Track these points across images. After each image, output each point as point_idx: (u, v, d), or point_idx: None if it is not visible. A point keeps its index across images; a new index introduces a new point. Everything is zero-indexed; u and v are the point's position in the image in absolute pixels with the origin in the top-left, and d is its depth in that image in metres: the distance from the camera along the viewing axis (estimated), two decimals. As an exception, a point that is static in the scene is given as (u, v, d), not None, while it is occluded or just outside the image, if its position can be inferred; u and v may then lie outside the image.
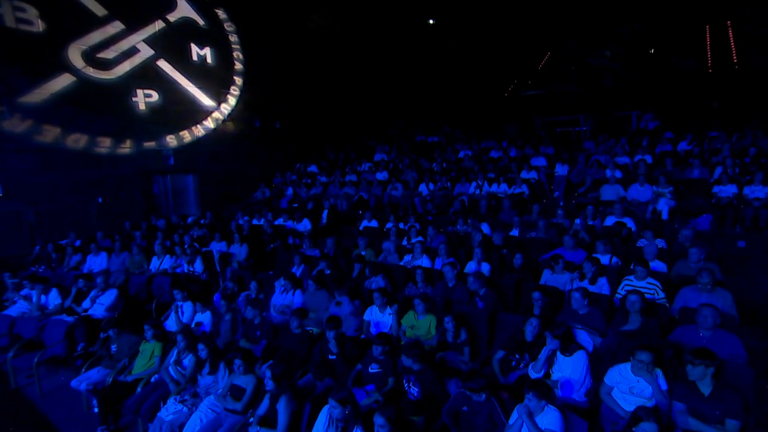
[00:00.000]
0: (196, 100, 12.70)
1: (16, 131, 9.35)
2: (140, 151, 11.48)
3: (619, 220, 6.88)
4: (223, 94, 13.44)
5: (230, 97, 13.70)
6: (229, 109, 13.68)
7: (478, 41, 17.00)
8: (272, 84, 14.91)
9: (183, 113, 12.36)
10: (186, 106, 12.43)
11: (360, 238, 7.23)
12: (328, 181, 13.04)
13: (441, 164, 12.57)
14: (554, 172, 10.45)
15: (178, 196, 12.96)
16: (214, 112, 13.26)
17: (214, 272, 7.87)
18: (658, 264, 5.32)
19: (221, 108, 13.45)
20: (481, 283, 5.02)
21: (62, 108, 9.89)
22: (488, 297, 4.98)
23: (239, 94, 13.95)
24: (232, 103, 13.77)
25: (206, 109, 13.02)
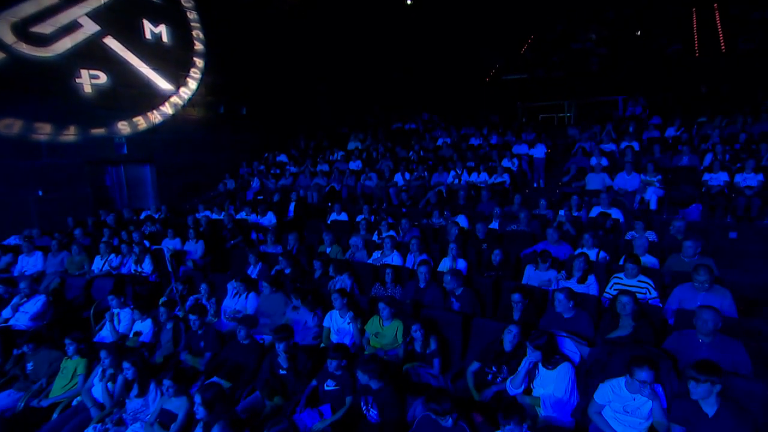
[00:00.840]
0: (152, 83, 11.90)
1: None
2: (87, 138, 10.65)
3: (604, 210, 6.54)
4: (182, 77, 12.65)
5: (190, 80, 12.92)
6: (189, 94, 12.90)
7: (459, 23, 16.54)
8: (237, 67, 14.15)
9: (136, 97, 11.55)
10: (140, 90, 11.61)
11: (326, 233, 6.73)
12: (297, 171, 12.47)
13: (418, 152, 12.14)
14: (531, 156, 10.13)
15: (134, 188, 12.18)
16: (173, 96, 12.47)
17: (165, 273, 7.26)
18: (649, 258, 4.99)
19: (180, 92, 12.66)
20: (458, 282, 4.60)
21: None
22: (465, 297, 4.56)
23: (200, 77, 13.17)
24: (192, 86, 12.99)
25: (163, 93, 12.22)
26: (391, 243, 6.02)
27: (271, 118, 15.29)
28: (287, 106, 15.76)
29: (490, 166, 10.35)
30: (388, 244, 6.02)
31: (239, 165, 13.38)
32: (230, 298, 5.34)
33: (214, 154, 13.65)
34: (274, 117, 15.38)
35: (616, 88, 11.90)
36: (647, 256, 4.99)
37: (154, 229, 8.62)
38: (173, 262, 7.32)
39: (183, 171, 12.85)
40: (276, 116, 15.42)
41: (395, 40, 17.06)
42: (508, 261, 5.32)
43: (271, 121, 15.26)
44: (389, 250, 6.03)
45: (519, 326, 3.48)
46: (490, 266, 5.28)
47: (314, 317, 4.63)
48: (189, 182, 12.93)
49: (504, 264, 5.22)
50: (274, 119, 15.36)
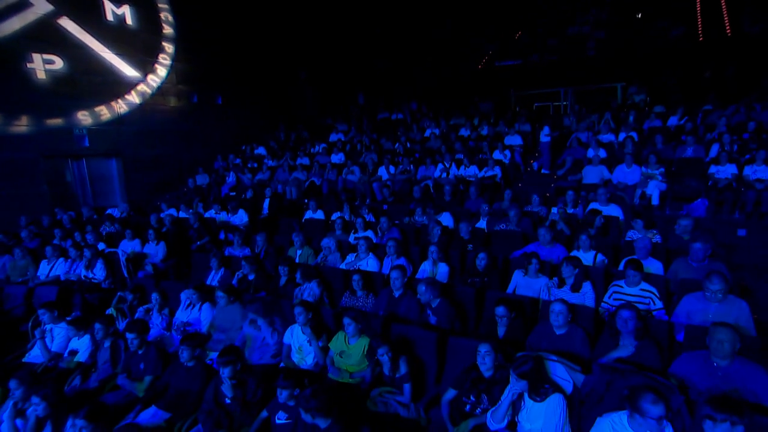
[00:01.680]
0: (115, 70, 11.28)
1: None
2: (42, 129, 10.05)
3: (595, 207, 6.10)
4: (149, 64, 12.04)
5: (159, 67, 12.29)
6: (158, 82, 12.29)
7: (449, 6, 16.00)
8: (211, 53, 13.53)
9: (98, 85, 10.93)
10: (101, 77, 10.99)
11: (296, 233, 6.24)
12: (275, 165, 11.94)
13: (404, 144, 11.66)
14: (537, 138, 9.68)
15: (99, 184, 11.58)
16: (140, 84, 11.86)
17: (121, 279, 6.74)
18: (653, 262, 4.55)
19: (148, 80, 12.05)
20: (435, 292, 4.13)
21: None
22: (442, 310, 4.10)
23: (170, 63, 12.55)
24: (161, 74, 12.37)
25: (129, 80, 11.60)
26: (366, 245, 5.55)
27: (249, 109, 14.71)
28: (266, 96, 15.19)
29: (480, 158, 9.91)
30: (363, 246, 5.55)
31: (215, 158, 12.84)
32: (182, 309, 4.85)
33: (187, 148, 13.08)
34: (253, 107, 14.81)
35: (615, 74, 11.44)
36: (650, 259, 4.56)
37: (113, 229, 8.08)
38: (129, 266, 6.85)
39: (153, 166, 12.28)
40: (254, 106, 14.85)
41: (382, 24, 16.49)
42: (495, 265, 4.87)
43: (249, 112, 14.69)
44: (364, 253, 5.56)
45: (491, 344, 3.03)
46: (474, 271, 4.82)
47: (273, 333, 4.15)
48: (160, 178, 12.37)
49: (490, 269, 4.77)
50: (252, 109, 14.79)
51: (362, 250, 5.56)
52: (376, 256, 5.55)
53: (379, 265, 5.49)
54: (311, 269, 5.02)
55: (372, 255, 5.54)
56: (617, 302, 4.00)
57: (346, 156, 11.78)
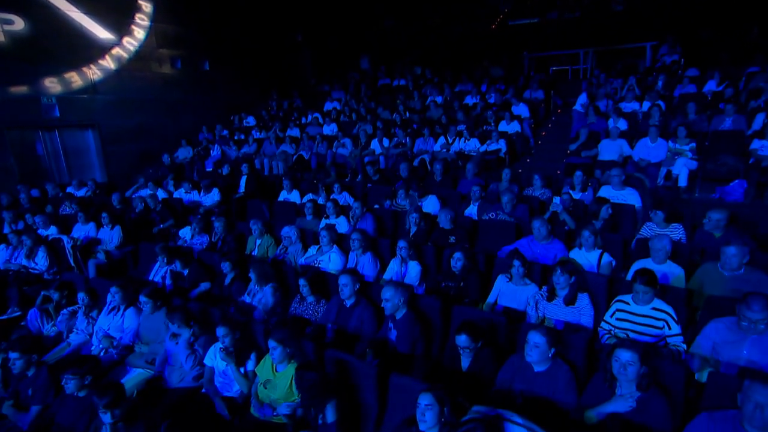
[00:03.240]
0: (85, 31, 10.47)
1: None
2: (5, 98, 9.42)
3: (604, 194, 5.16)
4: (124, 25, 11.19)
5: (136, 28, 11.43)
6: (135, 45, 11.45)
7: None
8: (196, 12, 12.56)
9: (66, 48, 10.15)
10: (70, 39, 10.20)
11: (254, 220, 5.49)
12: (263, 136, 11.16)
13: (404, 114, 10.70)
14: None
15: (75, 158, 11.01)
16: (114, 48, 11.06)
17: (68, 268, 6.16)
18: (671, 268, 3.66)
19: (124, 43, 11.23)
20: (403, 299, 3.36)
21: None
22: (405, 325, 3.35)
23: (149, 24, 11.67)
24: (139, 36, 11.52)
25: (102, 43, 10.80)
26: (329, 237, 4.78)
27: (240, 75, 13.82)
28: (259, 61, 14.22)
29: (485, 130, 8.94)
30: (325, 238, 4.78)
31: (200, 129, 12.11)
32: (105, 313, 4.20)
33: (172, 118, 12.36)
34: (244, 73, 13.90)
35: (644, 32, 10.06)
36: (669, 263, 3.68)
37: (71, 211, 7.48)
38: (77, 255, 6.25)
39: (134, 137, 11.62)
40: (246, 72, 13.94)
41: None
42: (475, 267, 4.05)
43: (239, 78, 13.80)
44: (327, 246, 4.81)
45: (433, 395, 2.26)
46: (449, 274, 4.02)
47: (190, 357, 3.46)
48: (143, 150, 11.70)
49: (468, 271, 3.96)
50: (243, 76, 13.89)
51: (325, 243, 4.80)
52: (341, 250, 4.78)
53: (343, 261, 4.73)
54: (267, 270, 4.27)
55: (336, 249, 4.77)
56: (622, 323, 3.18)
57: (339, 127, 10.93)
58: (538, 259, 4.24)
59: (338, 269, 4.66)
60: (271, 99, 13.55)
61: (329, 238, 4.76)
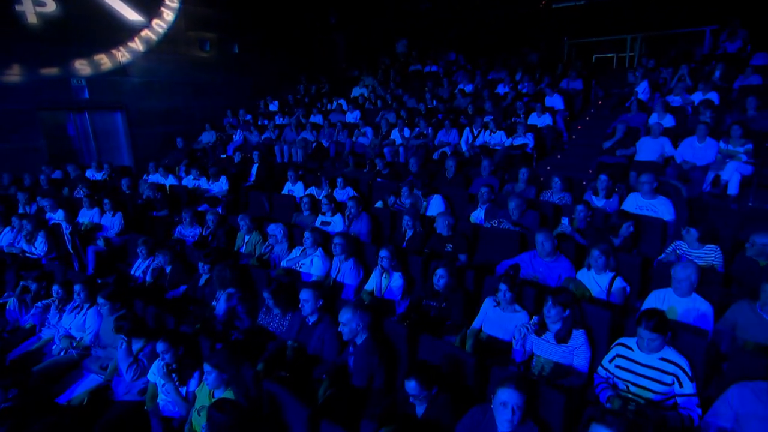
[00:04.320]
0: (115, 13, 10.48)
1: None
2: (37, 80, 9.58)
3: (625, 210, 4.39)
4: (154, 7, 11.14)
5: (165, 10, 11.37)
6: (164, 27, 11.41)
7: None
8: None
9: (97, 30, 10.21)
10: (100, 21, 10.25)
11: (242, 215, 5.17)
12: (285, 122, 10.88)
13: (428, 103, 10.09)
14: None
15: (104, 139, 11.15)
16: (144, 30, 11.04)
17: (66, 254, 6.11)
18: (697, 304, 2.99)
19: (153, 25, 11.19)
20: (363, 323, 2.92)
21: None
22: (363, 354, 2.90)
23: (178, 6, 11.57)
24: (168, 18, 11.45)
25: (131, 25, 10.81)
26: (313, 238, 4.37)
27: (270, 58, 13.58)
28: (289, 44, 13.92)
29: (513, 122, 8.23)
30: (309, 240, 4.38)
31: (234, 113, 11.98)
32: (68, 311, 4.01)
33: (199, 101, 12.33)
34: (274, 56, 13.65)
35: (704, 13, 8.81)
36: (694, 297, 3.01)
37: (83, 194, 7.47)
38: (76, 241, 6.19)
39: (162, 120, 11.65)
40: (276, 55, 13.68)
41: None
42: (460, 285, 3.52)
43: (269, 62, 13.57)
44: (311, 248, 4.40)
45: None
46: (432, 292, 3.52)
47: (131, 367, 3.17)
48: (170, 133, 11.69)
49: (452, 290, 3.45)
50: (273, 59, 13.64)
51: (308, 245, 4.40)
52: (326, 254, 4.37)
53: (327, 266, 4.31)
54: (226, 274, 3.92)
55: (321, 252, 4.35)
56: (622, 373, 2.60)
57: (362, 115, 10.49)
58: (540, 279, 3.66)
59: (321, 275, 4.26)
60: (299, 83, 13.23)
61: (313, 240, 4.35)
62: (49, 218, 6.59)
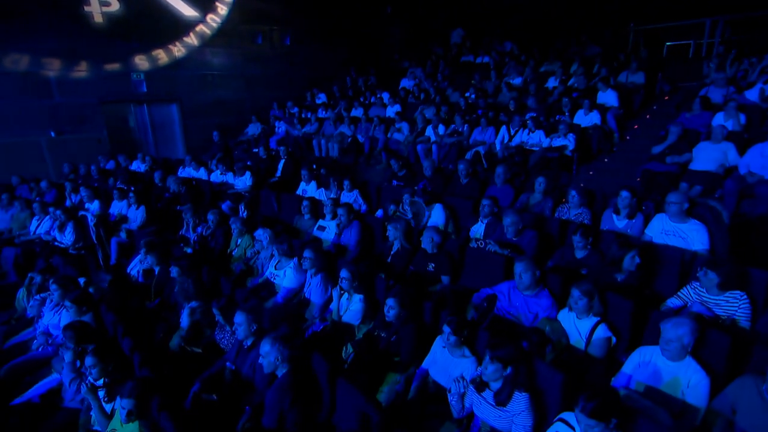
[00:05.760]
0: (172, 10, 10.93)
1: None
2: (101, 74, 10.27)
3: (630, 235, 3.63)
4: (209, 2, 11.47)
5: (219, 5, 11.67)
6: (218, 21, 11.73)
7: None
8: (281, -14, 12.48)
9: (155, 27, 10.71)
10: (158, 18, 10.74)
11: (234, 219, 5.08)
12: (325, 116, 10.78)
13: (468, 98, 9.44)
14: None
15: (161, 131, 11.79)
16: (199, 25, 11.43)
17: (91, 244, 6.46)
18: (689, 371, 2.34)
19: (208, 20, 11.54)
20: (281, 355, 2.66)
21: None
22: (276, 391, 2.62)
23: (232, 1, 11.83)
24: (222, 12, 11.74)
25: (187, 21, 11.22)
26: (283, 249, 4.15)
27: (322, 50, 13.50)
28: (343, 35, 13.77)
29: (556, 120, 7.46)
30: (281, 249, 4.16)
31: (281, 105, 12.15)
32: (48, 308, 4.15)
33: (250, 93, 12.60)
34: (326, 48, 13.55)
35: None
36: (688, 362, 2.37)
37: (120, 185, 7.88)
38: (100, 231, 6.51)
39: (213, 112, 12.04)
40: (327, 47, 13.58)
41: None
42: (413, 317, 3.11)
43: (321, 54, 13.50)
44: (284, 258, 4.19)
45: None
46: (383, 322, 3.16)
47: (74, 380, 3.16)
48: (220, 125, 12.06)
49: (404, 322, 3.05)
50: (324, 51, 13.55)
51: (279, 255, 4.20)
52: (299, 266, 4.13)
53: (300, 280, 4.08)
54: (188, 287, 3.83)
55: (295, 263, 4.13)
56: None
57: (402, 108, 10.10)
58: (514, 315, 3.16)
59: (293, 288, 4.05)
60: (348, 75, 13.04)
61: (283, 251, 4.13)
62: (87, 208, 7.03)
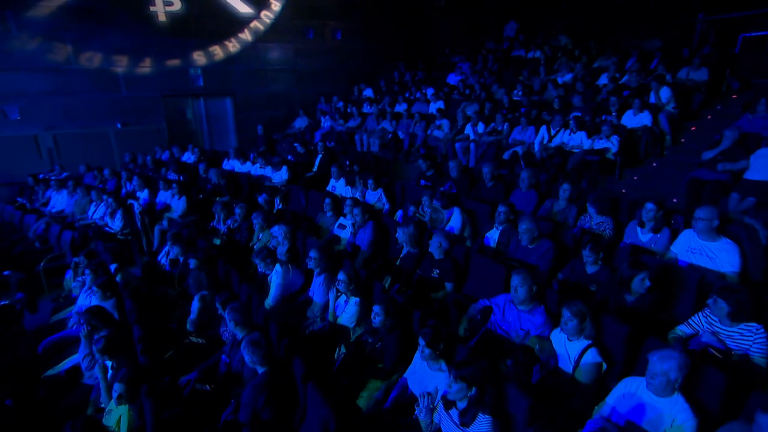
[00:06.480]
0: (228, 7, 11.42)
1: (27, 49, 9.54)
2: (163, 70, 10.97)
3: (677, 248, 3.29)
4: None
5: (273, 1, 12.03)
6: (272, 17, 12.10)
7: None
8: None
9: (212, 24, 11.27)
10: (216, 16, 11.27)
11: (255, 214, 5.25)
12: (369, 111, 10.83)
13: (516, 94, 9.10)
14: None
15: (216, 123, 12.41)
16: (253, 21, 11.87)
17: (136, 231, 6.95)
18: (675, 410, 2.14)
19: (262, 16, 11.95)
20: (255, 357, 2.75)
21: (71, 22, 9.71)
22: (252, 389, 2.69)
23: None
24: (276, 8, 12.10)
25: (242, 18, 11.69)
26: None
27: (373, 44, 13.58)
28: (394, 29, 13.74)
29: (603, 120, 7.02)
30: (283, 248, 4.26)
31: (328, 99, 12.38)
32: (83, 292, 4.51)
33: (299, 87, 12.94)
34: (376, 42, 13.61)
35: None
36: (676, 399, 2.17)
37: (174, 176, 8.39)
38: (145, 219, 6.99)
39: (264, 105, 12.50)
40: (378, 41, 13.63)
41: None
42: (399, 325, 3.07)
43: (371, 48, 13.59)
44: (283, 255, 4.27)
45: None
46: (372, 328, 3.15)
47: (85, 359, 3.44)
48: (270, 118, 12.48)
49: (390, 330, 3.02)
50: (375, 45, 13.61)
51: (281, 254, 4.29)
52: (298, 269, 4.20)
53: (299, 280, 4.16)
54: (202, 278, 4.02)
55: (294, 266, 4.20)
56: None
57: (446, 105, 9.95)
58: (506, 331, 3.04)
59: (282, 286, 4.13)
60: (396, 70, 12.99)
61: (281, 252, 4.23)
62: (138, 196, 7.57)
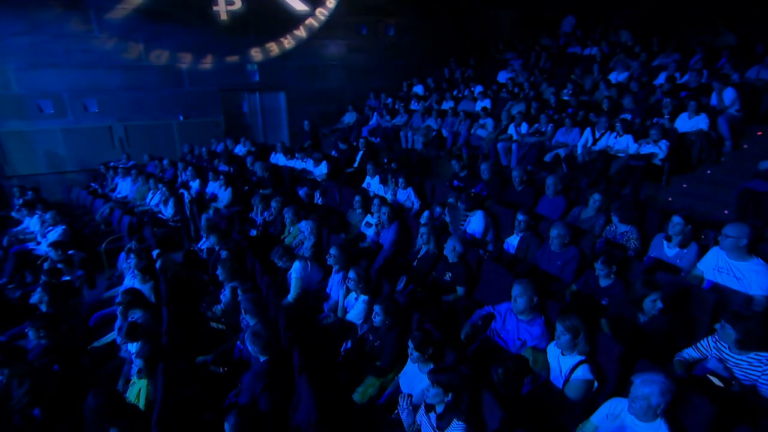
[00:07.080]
0: (286, 6, 11.82)
1: (105, 49, 10.45)
2: (222, 66, 11.59)
3: (704, 264, 3.09)
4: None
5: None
6: (326, 14, 12.39)
7: None
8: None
9: (270, 22, 11.73)
10: (273, 14, 11.71)
11: (287, 208, 5.48)
12: (416, 108, 10.86)
13: (565, 93, 8.78)
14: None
15: (270, 116, 12.93)
16: (308, 18, 12.21)
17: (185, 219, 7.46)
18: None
19: (317, 13, 12.25)
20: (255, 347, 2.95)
21: (143, 23, 10.51)
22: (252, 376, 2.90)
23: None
24: (331, 5, 12.34)
25: (298, 15, 12.05)
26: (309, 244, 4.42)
27: (425, 40, 13.51)
28: (448, 24, 13.61)
29: (653, 123, 6.65)
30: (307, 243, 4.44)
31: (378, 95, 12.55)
32: (130, 272, 4.95)
33: (351, 82, 13.15)
34: (429, 38, 13.54)
35: None
36: (659, 423, 2.11)
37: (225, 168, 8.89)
38: (194, 208, 7.48)
39: (315, 100, 12.83)
40: (430, 37, 13.55)
41: None
42: (398, 325, 3.14)
43: (424, 43, 13.52)
44: (308, 250, 4.46)
45: None
46: (373, 327, 3.26)
47: (120, 330, 3.82)
48: (320, 113, 12.80)
49: (389, 329, 3.12)
50: (427, 41, 13.54)
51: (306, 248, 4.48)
52: (317, 264, 4.36)
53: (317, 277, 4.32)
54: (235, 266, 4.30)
55: (313, 261, 4.37)
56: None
57: (493, 104, 9.79)
58: (503, 340, 3.04)
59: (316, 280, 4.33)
60: (447, 66, 12.87)
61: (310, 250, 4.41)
62: (190, 186, 8.11)
